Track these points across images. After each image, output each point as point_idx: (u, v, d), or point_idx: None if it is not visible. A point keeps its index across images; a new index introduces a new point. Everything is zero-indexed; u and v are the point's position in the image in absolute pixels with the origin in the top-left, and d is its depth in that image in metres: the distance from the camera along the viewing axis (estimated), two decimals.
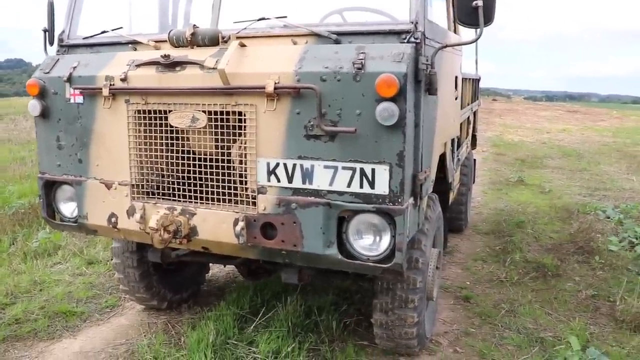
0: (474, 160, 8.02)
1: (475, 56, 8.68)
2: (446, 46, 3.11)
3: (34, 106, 3.65)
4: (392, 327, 3.61)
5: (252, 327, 4.14)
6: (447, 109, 3.84)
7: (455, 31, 4.27)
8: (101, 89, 3.38)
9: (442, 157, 4.18)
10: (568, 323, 4.46)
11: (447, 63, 3.74)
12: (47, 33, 3.98)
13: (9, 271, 5.63)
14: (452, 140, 4.58)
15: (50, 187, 3.83)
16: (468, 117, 6.68)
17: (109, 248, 5.99)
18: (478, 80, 7.96)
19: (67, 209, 3.83)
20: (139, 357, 3.93)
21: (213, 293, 5.13)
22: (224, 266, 5.42)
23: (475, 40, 3.11)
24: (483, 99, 41.54)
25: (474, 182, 8.21)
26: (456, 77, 4.18)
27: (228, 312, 4.34)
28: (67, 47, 3.88)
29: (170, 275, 4.69)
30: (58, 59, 3.73)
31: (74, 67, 3.55)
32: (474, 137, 7.97)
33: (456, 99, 4.23)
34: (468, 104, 6.49)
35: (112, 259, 4.56)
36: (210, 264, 5.30)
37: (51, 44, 4.01)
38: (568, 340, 3.92)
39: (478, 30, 2.97)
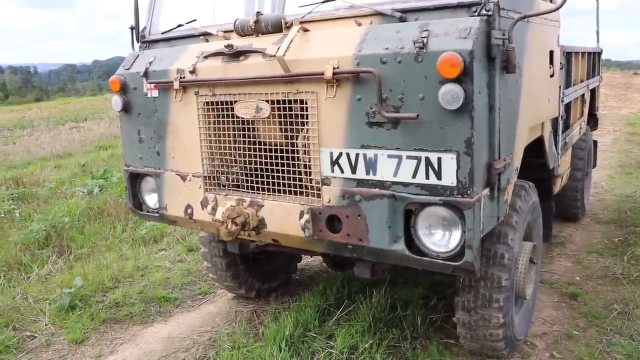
0: (594, 142, 7.28)
1: (597, 26, 7.89)
2: (525, 17, 2.74)
3: (116, 102, 3.77)
4: (476, 327, 3.33)
5: (332, 320, 4.04)
6: (538, 87, 3.44)
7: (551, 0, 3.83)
8: (172, 82, 3.40)
9: (540, 141, 3.79)
10: None
11: (536, 36, 3.34)
12: (133, 30, 4.09)
13: (118, 256, 5.97)
14: (553, 121, 4.13)
15: (135, 179, 3.96)
16: (583, 95, 6.05)
17: None
18: (599, 53, 7.20)
19: (151, 200, 3.94)
20: (219, 345, 3.96)
21: (303, 283, 5.09)
22: (311, 256, 5.35)
23: (559, 8, 2.73)
24: (622, 74, 38.29)
25: (594, 167, 7.49)
26: (551, 52, 3.74)
27: (311, 304, 4.26)
28: (148, 43, 3.97)
29: (258, 265, 4.70)
30: (138, 55, 3.82)
31: (150, 62, 3.61)
32: (594, 117, 7.24)
33: (552, 75, 3.78)
34: (582, 81, 5.87)
35: (200, 248, 4.65)
36: None
37: (138, 40, 4.12)
38: None
39: None
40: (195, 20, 3.71)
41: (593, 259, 5.38)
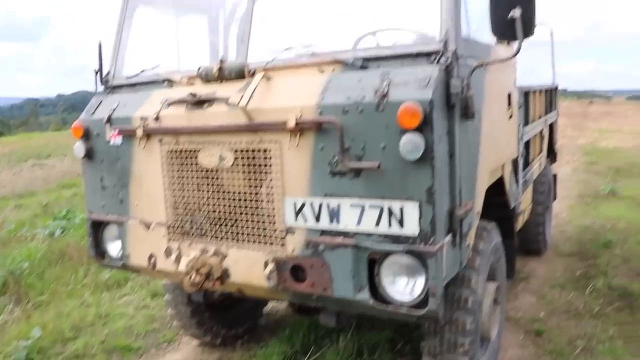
0: (554, 175, 7.46)
1: (552, 61, 8.16)
2: (482, 65, 2.82)
3: (79, 148, 3.72)
4: None
5: None
6: (497, 130, 3.52)
7: (508, 43, 3.94)
8: (136, 129, 3.37)
9: (501, 181, 3.85)
10: None
11: (494, 80, 3.43)
12: (96, 74, 4.05)
13: (79, 303, 5.80)
14: (513, 161, 4.22)
15: (97, 227, 3.87)
16: (542, 131, 6.21)
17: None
18: (555, 89, 7.43)
19: (114, 248, 3.85)
20: None
21: (269, 328, 5.01)
22: (277, 301, 5.29)
23: (514, 56, 2.81)
24: (579, 103, 39.52)
25: (554, 199, 7.65)
26: (510, 94, 3.84)
27: (277, 350, 4.20)
28: (112, 88, 3.93)
29: (224, 311, 4.62)
30: (101, 100, 3.78)
31: (114, 109, 3.58)
32: (553, 151, 7.43)
33: (510, 117, 3.88)
34: (540, 117, 6.04)
35: (165, 295, 4.56)
36: None
37: (102, 84, 4.08)
38: None
39: (516, 44, 2.68)
40: (158, 66, 3.71)
41: (556, 293, 5.46)
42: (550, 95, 7.03)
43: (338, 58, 2.92)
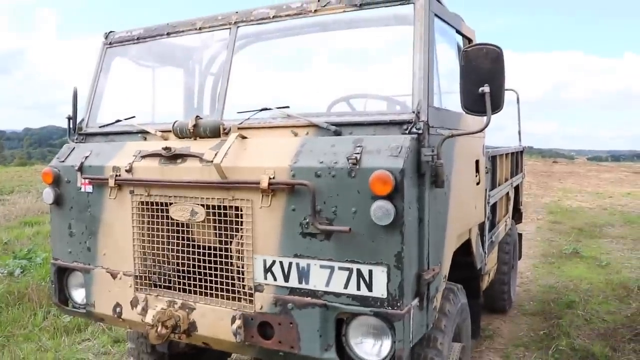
0: (519, 235, 7.62)
1: (518, 127, 8.42)
2: (452, 136, 2.94)
3: (48, 194, 3.69)
4: None
5: None
6: (465, 196, 3.63)
7: None
8: (108, 179, 3.37)
9: (467, 244, 3.94)
10: None
11: (463, 149, 3.56)
12: (70, 120, 4.06)
13: (36, 348, 5.63)
14: (481, 225, 4.33)
15: (62, 273, 3.82)
16: (507, 193, 6.38)
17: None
18: (521, 152, 7.67)
19: (78, 295, 3.80)
20: None
21: None
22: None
23: (483, 130, 2.94)
24: (544, 162, 40.62)
25: (520, 258, 7.80)
26: (477, 161, 3.98)
27: None
28: (85, 135, 3.95)
29: None
30: (74, 148, 3.79)
31: (86, 157, 3.59)
32: (518, 211, 7.61)
33: (478, 183, 4.01)
34: (507, 180, 6.22)
35: (127, 344, 4.47)
36: None
37: (74, 131, 4.08)
38: None
39: (485, 118, 2.80)
40: (134, 117, 3.74)
41: (520, 353, 5.52)
42: (517, 157, 7.24)
43: (312, 122, 3.00)
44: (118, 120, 3.77)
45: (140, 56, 4.33)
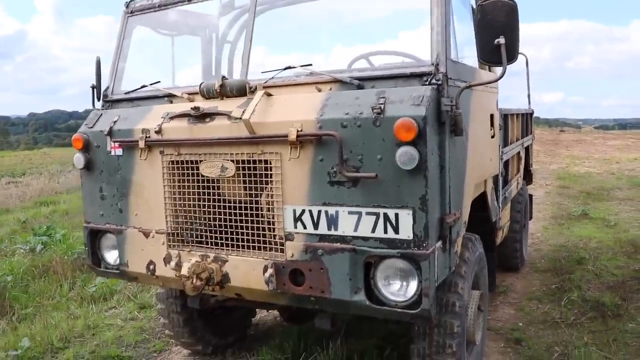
0: (530, 196, 7.75)
1: (527, 90, 8.51)
2: (470, 86, 3.06)
3: (78, 159, 3.84)
4: None
5: None
6: (481, 148, 3.76)
7: (489, 69, 4.21)
8: (137, 141, 3.51)
9: (483, 196, 4.08)
10: None
11: (479, 101, 3.68)
12: (94, 89, 4.20)
13: (66, 315, 5.84)
14: (494, 178, 4.47)
15: (95, 236, 3.98)
16: (518, 153, 6.50)
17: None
18: (530, 114, 7.77)
19: (111, 256, 3.96)
20: None
21: (259, 337, 5.13)
22: (267, 311, 5.43)
23: (499, 79, 3.05)
24: (550, 131, 40.59)
25: (530, 219, 7.93)
26: (492, 115, 4.10)
27: (269, 358, 4.32)
28: (110, 102, 4.08)
29: (215, 320, 4.73)
30: (101, 114, 3.92)
31: (114, 121, 3.72)
32: (529, 173, 7.74)
33: (493, 136, 4.13)
34: (517, 139, 6.33)
35: (157, 305, 4.66)
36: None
37: (99, 99, 4.22)
38: None
39: (501, 68, 2.92)
40: (159, 82, 3.87)
41: (533, 306, 5.69)
42: (527, 119, 7.35)
43: (335, 77, 3.13)
44: (144, 86, 3.89)
45: (159, 25, 4.44)
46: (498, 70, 3.38)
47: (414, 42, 3.32)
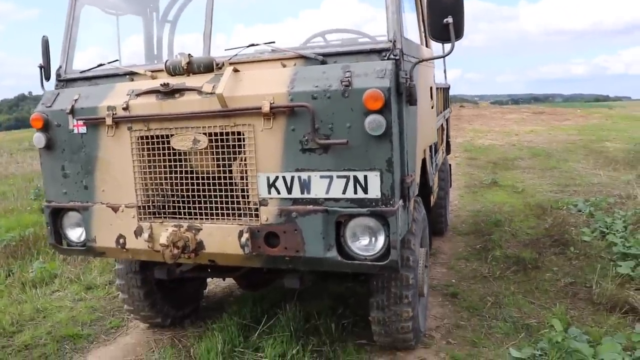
0: (450, 165, 8.37)
1: (444, 66, 9.08)
2: (422, 60, 3.43)
3: (39, 139, 3.85)
4: (389, 323, 3.87)
5: (256, 334, 4.37)
6: (425, 117, 4.15)
7: (427, 45, 4.60)
8: (104, 118, 3.60)
9: (424, 163, 4.49)
10: (550, 309, 4.79)
11: (423, 75, 4.06)
12: (42, 69, 4.19)
13: (10, 301, 5.76)
14: (431, 146, 4.90)
15: (56, 215, 4.02)
16: (442, 124, 7.02)
17: (109, 270, 6.22)
18: (448, 88, 8.34)
19: (74, 234, 4.02)
20: None
21: (212, 308, 5.33)
22: (224, 279, 5.64)
23: (448, 54, 3.43)
24: (452, 106, 42.57)
25: (450, 186, 8.56)
26: (431, 88, 4.51)
27: (232, 323, 4.55)
28: (65, 82, 4.10)
29: (172, 293, 4.88)
30: (58, 93, 3.95)
31: (75, 100, 3.77)
32: (447, 143, 8.34)
33: (432, 107, 4.55)
34: (441, 112, 6.84)
35: (115, 281, 4.75)
36: (208, 281, 5.54)
37: (47, 79, 4.22)
38: (551, 324, 4.21)
39: (449, 45, 3.29)
40: (117, 60, 3.96)
41: (462, 264, 6.26)
42: (445, 94, 7.91)
43: (300, 53, 3.38)
44: (101, 64, 3.96)
45: (106, 4, 4.49)
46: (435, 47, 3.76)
47: (368, 20, 3.63)
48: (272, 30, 3.85)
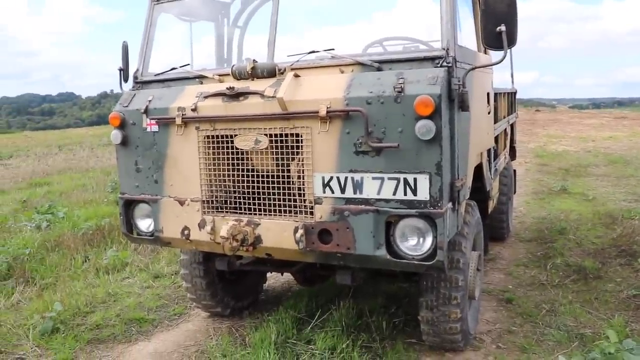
0: (514, 170, 8.26)
1: (511, 70, 9.01)
2: (475, 68, 3.50)
3: (115, 135, 4.20)
4: (437, 323, 3.96)
5: (309, 328, 4.56)
6: (480, 122, 4.21)
7: (485, 52, 4.65)
8: (174, 118, 3.89)
9: (479, 167, 4.54)
10: (608, 320, 4.71)
11: (478, 81, 4.12)
12: (122, 72, 4.55)
13: (85, 284, 6.22)
14: (488, 151, 4.93)
15: (129, 206, 4.36)
16: (505, 130, 6.98)
17: (175, 262, 6.58)
18: (514, 93, 8.26)
19: (144, 224, 4.34)
20: (208, 355, 4.38)
21: (271, 301, 5.57)
22: (282, 274, 5.88)
23: (501, 61, 3.49)
24: (526, 110, 41.45)
25: (515, 192, 8.45)
26: (488, 94, 4.55)
27: (287, 315, 4.76)
28: (141, 83, 4.44)
29: (232, 285, 5.16)
30: (135, 94, 4.28)
31: (150, 101, 4.08)
32: (512, 149, 8.26)
33: (489, 113, 4.59)
34: (504, 117, 6.81)
35: (180, 271, 5.06)
36: (268, 275, 5.78)
37: (125, 80, 4.57)
38: (606, 335, 4.16)
39: (503, 52, 3.35)
40: (188, 64, 4.24)
41: (521, 271, 6.21)
42: (511, 98, 7.84)
43: (358, 60, 3.54)
44: (174, 68, 4.25)
45: (180, 12, 4.80)
46: (493, 53, 3.82)
47: (423, 29, 3.74)
48: (334, 37, 4.01)
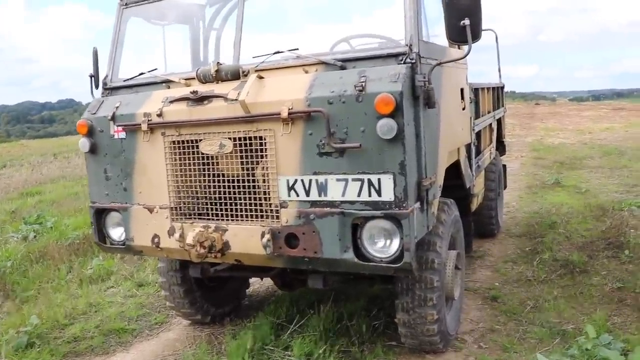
0: (504, 166, 8.18)
1: (498, 64, 8.89)
2: (440, 63, 3.42)
3: (83, 143, 4.13)
4: (414, 325, 3.88)
5: (287, 333, 4.48)
6: (452, 119, 4.12)
7: (459, 47, 4.55)
8: (140, 124, 3.81)
9: (457, 165, 4.45)
10: (591, 315, 4.62)
11: (449, 77, 4.03)
12: (92, 78, 4.48)
13: (67, 296, 6.13)
14: (467, 147, 4.84)
15: (100, 215, 4.28)
16: (490, 125, 6.89)
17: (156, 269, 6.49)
18: (501, 88, 8.16)
19: (116, 233, 4.26)
20: None
21: (253, 307, 5.48)
22: (262, 280, 5.79)
23: (465, 56, 3.40)
24: (526, 104, 41.33)
25: (505, 188, 8.37)
26: (462, 89, 4.46)
27: (265, 321, 4.68)
28: (110, 90, 4.36)
29: (212, 291, 5.07)
30: (103, 101, 4.21)
31: (117, 107, 4.01)
32: (502, 144, 8.17)
33: (464, 109, 4.50)
34: (489, 112, 6.72)
35: (158, 279, 4.98)
36: (252, 280, 5.69)
37: (97, 87, 4.50)
38: (586, 330, 4.08)
39: (467, 46, 3.27)
40: (156, 69, 4.16)
41: (508, 267, 6.13)
42: (497, 93, 7.74)
43: (321, 59, 3.46)
44: (142, 73, 4.18)
45: (151, 15, 4.72)
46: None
47: (388, 25, 3.65)
48: (301, 37, 3.93)
